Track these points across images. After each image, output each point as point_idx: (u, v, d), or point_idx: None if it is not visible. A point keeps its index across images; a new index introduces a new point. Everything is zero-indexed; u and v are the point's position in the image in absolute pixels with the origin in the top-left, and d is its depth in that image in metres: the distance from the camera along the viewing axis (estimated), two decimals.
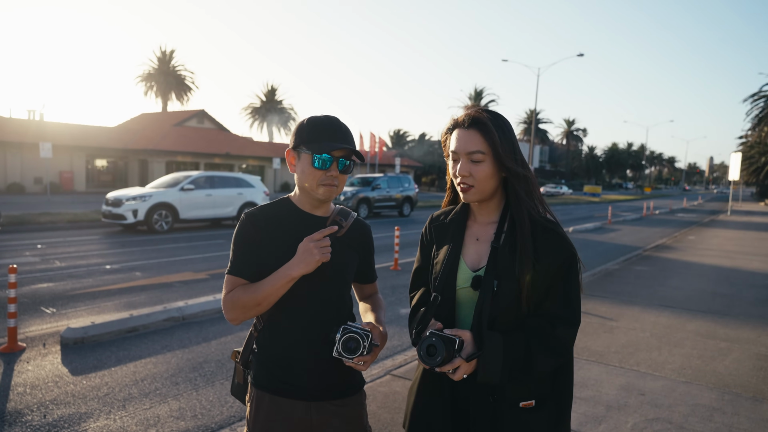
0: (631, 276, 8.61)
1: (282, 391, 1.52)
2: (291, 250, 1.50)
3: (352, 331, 1.45)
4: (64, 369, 4.21)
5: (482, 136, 1.44)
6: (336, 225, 1.59)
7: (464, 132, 1.46)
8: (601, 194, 49.67)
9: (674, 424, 3.33)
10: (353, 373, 1.60)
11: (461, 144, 1.46)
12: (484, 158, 1.44)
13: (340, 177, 1.55)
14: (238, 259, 1.54)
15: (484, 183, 1.46)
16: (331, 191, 1.55)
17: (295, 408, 1.51)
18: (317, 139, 1.52)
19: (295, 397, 1.52)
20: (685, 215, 28.02)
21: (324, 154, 1.51)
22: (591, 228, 17.62)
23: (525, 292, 1.39)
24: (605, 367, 4.33)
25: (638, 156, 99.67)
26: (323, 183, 1.53)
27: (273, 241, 1.53)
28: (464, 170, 1.45)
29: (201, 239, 12.27)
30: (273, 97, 55.80)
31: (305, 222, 1.58)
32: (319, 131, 1.53)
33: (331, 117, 1.57)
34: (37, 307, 5.91)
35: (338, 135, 1.53)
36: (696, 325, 5.73)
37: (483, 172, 1.45)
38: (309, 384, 1.52)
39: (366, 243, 1.70)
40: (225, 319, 5.62)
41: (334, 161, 1.53)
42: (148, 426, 3.32)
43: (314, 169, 1.52)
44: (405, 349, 4.89)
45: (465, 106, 1.60)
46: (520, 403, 1.41)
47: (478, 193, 1.47)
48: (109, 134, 33.41)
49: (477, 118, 1.45)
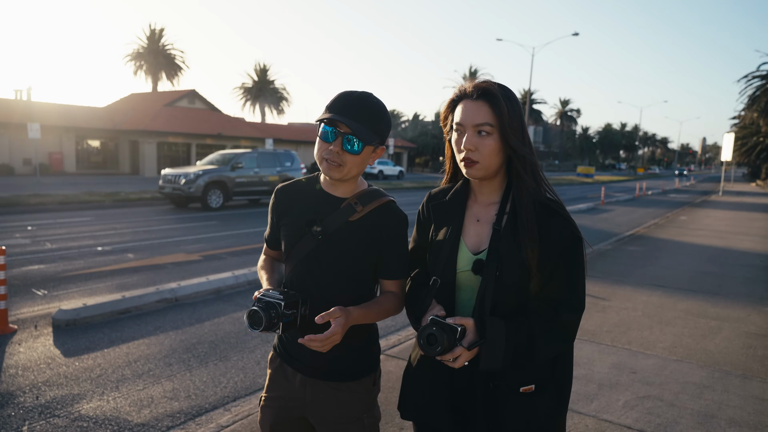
0: (623, 256, 8.66)
1: (287, 358, 1.58)
2: (297, 228, 1.53)
3: (261, 301, 1.38)
4: (56, 351, 4.19)
5: (491, 108, 1.35)
6: (350, 208, 1.49)
7: (472, 103, 1.37)
8: (594, 175, 49.75)
9: (665, 402, 3.37)
10: (358, 358, 1.56)
11: (468, 116, 1.37)
12: (492, 131, 1.36)
13: (346, 155, 1.42)
14: (268, 229, 1.68)
15: (490, 158, 1.38)
16: (332, 169, 1.44)
17: (296, 377, 1.57)
18: (327, 109, 1.44)
19: (295, 368, 1.56)
20: (678, 196, 28.18)
21: (324, 125, 1.43)
22: (584, 209, 17.68)
23: (531, 275, 1.35)
24: (597, 346, 4.37)
25: (632, 137, 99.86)
26: (325, 157, 1.44)
27: (287, 217, 1.57)
28: (470, 143, 1.36)
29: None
30: (265, 76, 55.06)
31: (318, 200, 1.53)
32: (333, 101, 1.44)
33: (356, 91, 1.45)
34: (29, 289, 5.86)
35: (343, 107, 1.41)
36: (687, 304, 5.79)
37: (489, 146, 1.36)
38: (306, 360, 1.54)
39: (385, 234, 1.51)
40: (218, 301, 5.66)
41: (338, 136, 1.42)
42: (142, 407, 3.32)
43: (320, 140, 1.46)
44: (399, 329, 4.90)
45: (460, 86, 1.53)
46: (521, 388, 1.38)
47: (483, 169, 1.39)
48: (98, 114, 32.91)
49: (487, 89, 1.36)
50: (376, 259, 1.53)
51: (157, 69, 47.77)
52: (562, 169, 75.43)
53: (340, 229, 1.49)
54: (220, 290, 6.00)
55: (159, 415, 3.24)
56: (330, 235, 1.49)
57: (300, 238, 1.52)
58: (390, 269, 1.54)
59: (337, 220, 1.49)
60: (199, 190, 14.04)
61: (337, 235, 1.49)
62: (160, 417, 3.21)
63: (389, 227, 1.52)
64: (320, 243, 1.49)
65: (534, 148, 1.45)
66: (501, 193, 1.45)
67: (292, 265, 1.54)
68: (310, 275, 1.51)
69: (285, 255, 1.57)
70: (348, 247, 1.49)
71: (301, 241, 1.51)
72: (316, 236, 1.49)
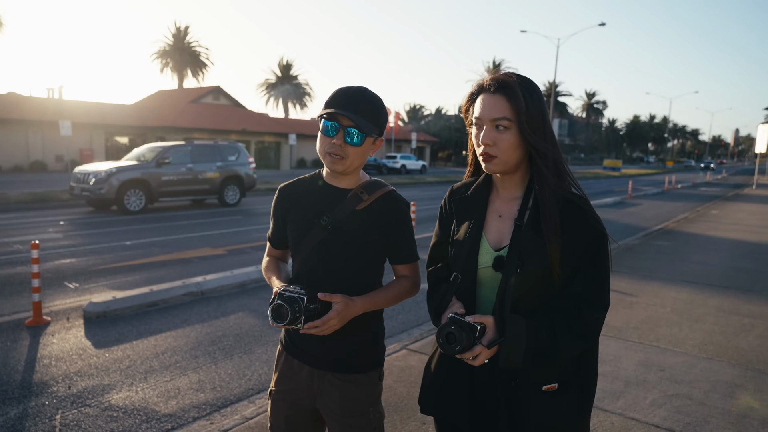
0: (651, 251, 8.47)
1: (293, 352, 1.61)
2: (306, 222, 1.55)
3: (284, 296, 1.40)
4: (87, 342, 4.31)
5: (508, 102, 1.32)
6: (356, 197, 1.53)
7: (490, 97, 1.34)
8: (621, 168, 48.69)
9: (694, 401, 3.28)
10: (364, 351, 1.59)
11: (486, 110, 1.34)
12: (510, 126, 1.32)
13: (348, 148, 1.46)
14: (271, 228, 1.72)
15: (508, 153, 1.35)
16: (335, 162, 1.48)
17: (302, 370, 1.60)
18: (327, 105, 1.48)
19: (302, 361, 1.59)
20: (709, 189, 27.40)
21: (325, 120, 1.47)
22: (610, 203, 17.34)
23: (553, 272, 1.32)
24: (624, 343, 4.29)
25: (660, 129, 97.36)
26: (328, 151, 1.48)
27: (294, 213, 1.59)
28: (487, 138, 1.34)
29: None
30: (288, 72, 55.44)
31: (325, 193, 1.57)
32: (332, 96, 1.48)
33: (353, 87, 1.50)
34: (61, 282, 6.04)
35: (343, 102, 1.46)
36: (718, 300, 5.63)
37: (507, 141, 1.33)
38: (314, 351, 1.56)
39: (392, 220, 1.56)
40: (243, 294, 5.74)
41: (340, 129, 1.46)
42: (169, 398, 3.39)
43: (322, 134, 1.50)
44: (421, 323, 4.90)
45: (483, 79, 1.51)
46: (543, 387, 1.35)
47: (502, 164, 1.37)
48: (126, 112, 33.64)
49: (504, 82, 1.33)
50: (384, 246, 1.58)
51: (182, 66, 48.59)
52: (588, 162, 74.13)
53: (348, 218, 1.53)
54: (245, 284, 6.09)
55: (185, 406, 3.30)
56: (339, 224, 1.52)
57: (308, 231, 1.55)
58: (400, 254, 1.62)
59: (345, 209, 1.53)
60: (112, 191, 11.85)
61: (346, 225, 1.53)
62: (187, 408, 3.28)
63: (395, 213, 1.58)
64: (329, 233, 1.53)
65: (558, 141, 1.41)
66: (523, 188, 1.42)
67: (302, 257, 1.57)
68: (321, 265, 1.54)
69: (293, 248, 1.61)
70: (357, 236, 1.53)
71: (310, 233, 1.55)
72: (326, 227, 1.52)
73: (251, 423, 2.96)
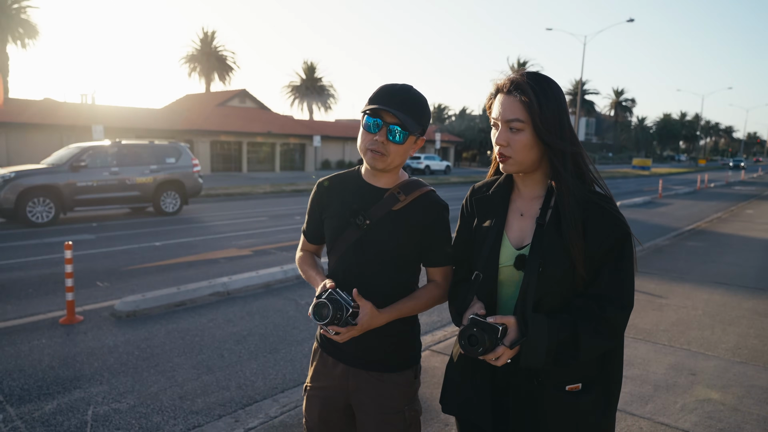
0: (682, 252, 8.25)
1: (329, 349, 1.62)
2: (342, 219, 1.55)
3: (332, 298, 1.41)
4: (118, 340, 4.42)
5: (521, 103, 1.31)
6: (393, 198, 1.52)
7: (505, 97, 1.35)
8: (651, 167, 47.49)
9: (728, 406, 3.18)
10: (399, 350, 1.58)
11: (500, 111, 1.35)
12: (524, 127, 1.32)
13: (390, 145, 1.45)
14: (306, 222, 1.71)
15: (523, 154, 1.35)
16: (377, 159, 1.47)
17: (337, 367, 1.59)
18: (370, 101, 1.47)
19: (337, 359, 1.59)
20: (743, 188, 26.54)
21: (368, 116, 1.46)
22: (640, 203, 16.95)
23: (576, 273, 1.30)
24: (653, 346, 4.18)
25: (692, 126, 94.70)
26: (369, 147, 1.47)
27: (330, 209, 1.60)
28: (502, 139, 1.35)
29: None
30: (313, 74, 55.85)
31: (361, 191, 1.57)
32: (376, 93, 1.47)
33: (397, 84, 1.49)
34: (93, 281, 6.22)
35: (388, 98, 1.44)
36: (753, 303, 5.45)
37: (521, 142, 1.33)
38: (349, 349, 1.56)
39: (428, 222, 1.53)
40: (268, 294, 5.81)
41: (383, 126, 1.44)
42: (196, 395, 3.46)
43: (364, 131, 1.49)
44: (444, 324, 4.88)
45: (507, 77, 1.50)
46: (566, 387, 1.34)
47: (517, 165, 1.37)
48: (156, 116, 34.43)
49: (518, 83, 1.33)
50: (420, 247, 1.56)
51: (209, 70, 49.43)
52: (617, 161, 72.53)
53: (384, 218, 1.51)
54: (270, 284, 6.16)
55: (211, 403, 3.36)
56: (374, 224, 1.51)
57: (344, 229, 1.55)
58: (434, 256, 1.57)
59: (381, 209, 1.52)
60: (10, 201, 9.83)
61: (382, 225, 1.52)
62: (213, 405, 3.33)
63: (432, 215, 1.54)
64: (365, 233, 1.52)
65: (580, 140, 1.40)
66: (545, 187, 1.41)
67: (337, 256, 1.57)
68: (357, 265, 1.54)
69: (329, 246, 1.61)
70: (392, 236, 1.52)
71: (345, 232, 1.54)
72: (361, 226, 1.51)
73: (275, 422, 3.00)
